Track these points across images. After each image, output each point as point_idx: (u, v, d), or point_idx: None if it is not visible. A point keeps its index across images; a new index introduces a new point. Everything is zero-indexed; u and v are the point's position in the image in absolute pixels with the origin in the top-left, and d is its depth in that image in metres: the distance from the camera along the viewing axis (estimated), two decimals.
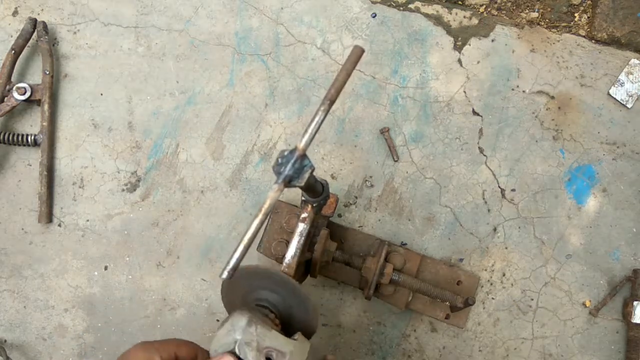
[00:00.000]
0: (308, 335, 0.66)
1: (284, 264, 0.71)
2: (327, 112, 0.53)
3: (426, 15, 1.05)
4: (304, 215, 0.72)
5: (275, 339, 0.58)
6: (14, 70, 1.02)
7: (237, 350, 0.56)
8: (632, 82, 1.03)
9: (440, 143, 1.03)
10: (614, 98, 1.03)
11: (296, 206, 0.98)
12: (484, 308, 1.00)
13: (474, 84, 1.04)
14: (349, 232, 0.99)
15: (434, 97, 1.04)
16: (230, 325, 0.58)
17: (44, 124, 1.01)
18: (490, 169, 1.03)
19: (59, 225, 1.03)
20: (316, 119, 0.53)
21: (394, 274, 0.87)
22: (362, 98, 1.04)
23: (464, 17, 1.06)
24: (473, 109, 1.04)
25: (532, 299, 1.00)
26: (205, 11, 1.06)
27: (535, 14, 1.06)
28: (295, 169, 0.52)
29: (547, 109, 1.04)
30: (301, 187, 0.55)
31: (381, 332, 1.00)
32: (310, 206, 0.71)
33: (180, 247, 1.03)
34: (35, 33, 1.02)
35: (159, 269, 1.02)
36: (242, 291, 0.68)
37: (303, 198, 0.71)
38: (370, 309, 1.00)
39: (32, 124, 1.04)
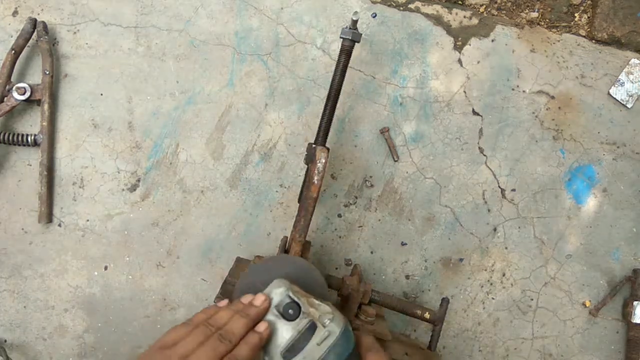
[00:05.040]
0: None
1: None
2: None
3: (426, 15, 1.05)
4: None
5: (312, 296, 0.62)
6: (14, 70, 1.02)
7: (290, 294, 0.58)
8: (632, 82, 1.03)
9: (440, 143, 1.03)
10: (614, 98, 1.03)
11: None
12: (484, 308, 1.00)
13: (474, 83, 1.04)
14: None
15: (434, 97, 1.04)
16: (275, 285, 0.59)
17: (44, 124, 1.01)
18: (490, 169, 1.03)
19: (59, 225, 1.03)
20: None
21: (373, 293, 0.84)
22: (362, 98, 1.04)
23: (464, 17, 1.06)
24: (473, 109, 1.04)
25: (532, 299, 1.00)
26: (205, 11, 1.06)
27: (535, 14, 1.06)
28: None
29: (547, 109, 1.04)
30: None
31: None
32: None
33: (180, 247, 1.03)
34: (35, 33, 1.02)
35: (159, 269, 1.02)
36: (261, 279, 0.68)
37: None
38: None
39: (32, 124, 1.04)
